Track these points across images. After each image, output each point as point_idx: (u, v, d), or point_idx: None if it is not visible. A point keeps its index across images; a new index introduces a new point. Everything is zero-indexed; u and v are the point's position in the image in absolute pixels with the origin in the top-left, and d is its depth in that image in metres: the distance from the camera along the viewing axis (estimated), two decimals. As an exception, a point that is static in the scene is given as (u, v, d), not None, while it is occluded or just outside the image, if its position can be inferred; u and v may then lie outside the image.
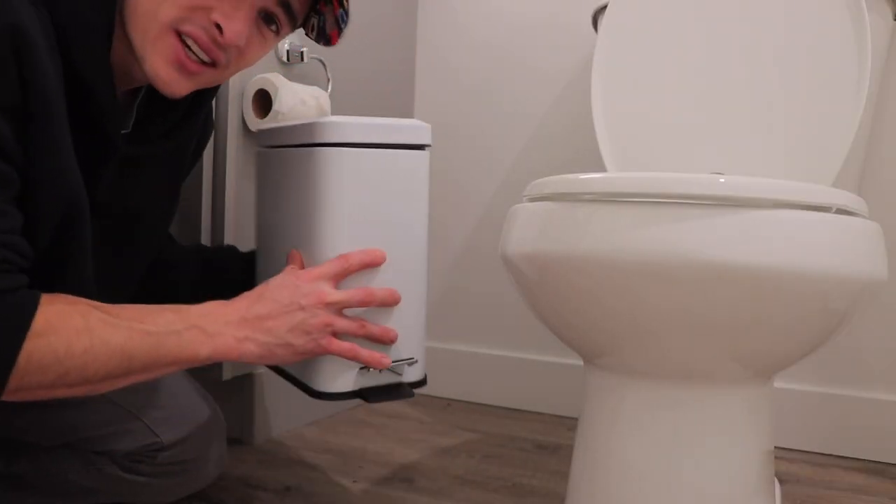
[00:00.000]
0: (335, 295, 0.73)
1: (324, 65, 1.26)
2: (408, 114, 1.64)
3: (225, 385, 1.16)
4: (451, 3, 1.61)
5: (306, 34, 0.82)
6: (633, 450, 0.75)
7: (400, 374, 0.81)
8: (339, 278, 0.75)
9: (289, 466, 1.13)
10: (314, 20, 0.79)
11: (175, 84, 0.69)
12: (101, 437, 0.85)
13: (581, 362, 0.83)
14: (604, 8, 1.22)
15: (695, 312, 0.65)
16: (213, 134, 1.02)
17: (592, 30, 1.35)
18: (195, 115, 0.81)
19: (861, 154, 1.19)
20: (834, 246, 0.64)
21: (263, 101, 1.14)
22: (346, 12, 0.78)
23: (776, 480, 0.89)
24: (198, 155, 0.93)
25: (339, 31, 0.79)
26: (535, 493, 1.06)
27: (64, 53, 0.63)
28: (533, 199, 0.75)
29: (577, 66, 1.50)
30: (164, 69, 0.68)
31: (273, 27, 0.73)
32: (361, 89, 1.45)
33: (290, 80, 1.18)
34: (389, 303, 0.78)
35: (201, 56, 0.69)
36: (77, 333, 0.63)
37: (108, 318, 0.65)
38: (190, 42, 0.68)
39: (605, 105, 1.16)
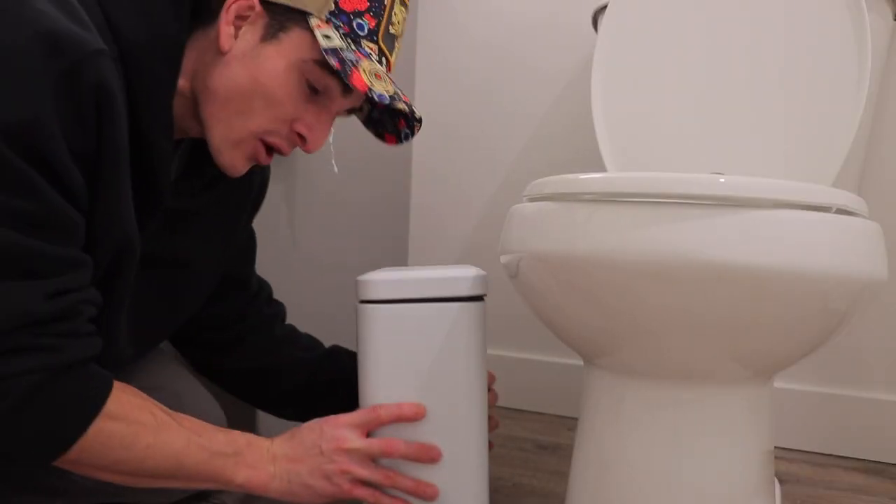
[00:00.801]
0: (355, 442, 0.76)
1: (324, 65, 1.25)
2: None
3: (225, 385, 1.16)
4: (451, 3, 1.61)
5: (360, 120, 0.84)
6: (633, 450, 0.75)
7: None
8: (367, 427, 0.78)
9: (289, 466, 1.13)
10: (369, 113, 0.83)
11: (242, 170, 0.74)
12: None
13: (581, 362, 0.83)
14: (604, 8, 1.22)
15: (695, 312, 0.65)
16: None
17: (592, 30, 1.35)
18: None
19: (861, 154, 1.19)
20: (834, 246, 0.64)
21: (263, 101, 1.14)
22: (412, 130, 0.80)
23: (776, 480, 0.89)
24: (255, 210, 0.94)
25: (398, 140, 0.82)
26: (535, 493, 1.06)
27: (132, 106, 0.65)
28: (533, 199, 0.75)
29: (577, 66, 1.50)
30: (240, 162, 0.73)
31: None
32: (361, 89, 1.45)
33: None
34: (422, 458, 0.79)
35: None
36: (145, 428, 0.67)
37: (172, 422, 0.70)
38: (272, 148, 0.73)
39: (605, 105, 1.16)
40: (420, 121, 0.78)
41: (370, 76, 0.70)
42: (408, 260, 1.69)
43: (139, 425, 0.67)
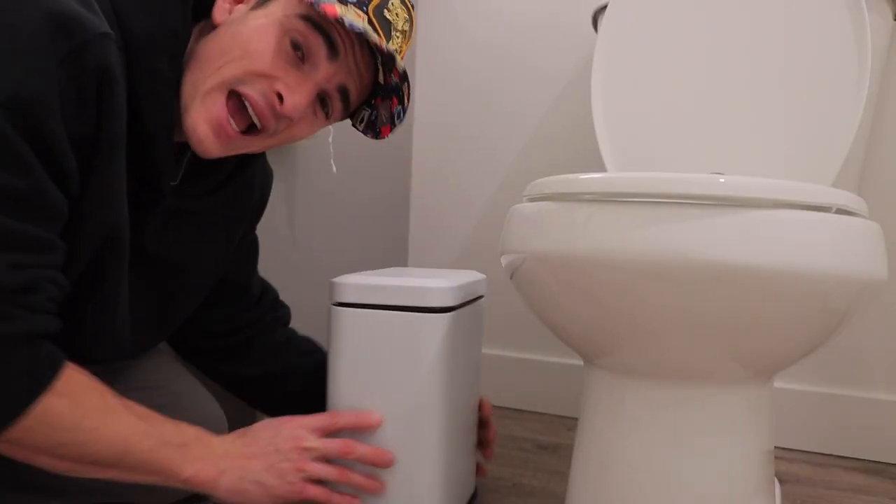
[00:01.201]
0: (312, 442, 0.77)
1: (324, 65, 1.25)
2: (407, 113, 1.64)
3: (225, 385, 1.16)
4: (451, 3, 1.61)
5: (353, 125, 0.82)
6: (632, 450, 0.75)
7: None
8: (323, 432, 0.79)
9: (289, 466, 1.13)
10: (365, 113, 0.80)
11: (207, 143, 0.69)
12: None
13: (581, 362, 0.83)
14: (604, 8, 1.22)
15: (695, 312, 0.65)
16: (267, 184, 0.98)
17: (592, 30, 1.35)
18: (241, 174, 0.82)
19: (861, 154, 1.19)
20: (834, 246, 0.64)
21: (263, 101, 1.13)
22: (404, 109, 0.79)
23: (776, 480, 0.89)
24: (257, 217, 0.95)
25: (393, 127, 0.80)
26: (535, 493, 1.06)
27: (132, 98, 0.65)
28: (533, 199, 0.75)
29: (577, 66, 1.50)
30: (201, 126, 0.68)
31: (325, 110, 0.75)
32: (361, 89, 1.45)
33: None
34: (377, 462, 0.80)
35: (254, 121, 0.70)
36: (92, 411, 0.65)
37: (121, 407, 0.68)
38: (247, 104, 0.69)
39: (605, 105, 1.16)
40: (394, 59, 0.76)
41: (345, 9, 0.69)
42: (408, 260, 1.69)
43: (86, 407, 0.65)
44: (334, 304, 0.83)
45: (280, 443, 0.76)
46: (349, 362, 0.82)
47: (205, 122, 0.69)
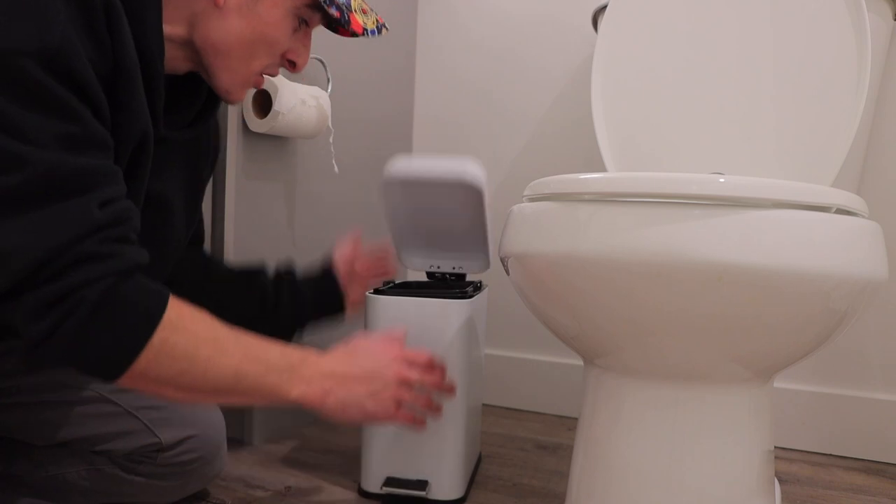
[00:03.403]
0: (413, 374, 0.84)
1: (324, 65, 1.25)
2: (407, 113, 1.65)
3: (225, 385, 1.16)
4: (451, 3, 1.61)
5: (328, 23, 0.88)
6: (633, 450, 0.75)
7: (423, 491, 0.97)
8: (418, 367, 0.87)
9: (289, 466, 1.13)
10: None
11: (243, 97, 0.83)
12: (100, 437, 0.85)
13: (581, 362, 0.83)
14: (604, 8, 1.22)
15: (695, 313, 0.65)
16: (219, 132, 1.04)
17: (592, 30, 1.35)
18: (214, 108, 0.87)
19: (861, 154, 1.19)
20: (834, 246, 0.64)
21: (263, 101, 1.14)
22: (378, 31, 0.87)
23: (776, 480, 0.89)
24: (216, 158, 0.98)
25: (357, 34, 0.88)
26: (535, 493, 1.06)
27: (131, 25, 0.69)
28: (533, 199, 0.75)
29: (577, 66, 1.50)
30: (244, 95, 0.82)
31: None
32: (361, 89, 1.45)
33: (289, 79, 1.18)
34: (451, 393, 0.95)
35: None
36: (204, 340, 0.69)
37: (230, 334, 0.71)
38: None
39: (605, 105, 1.16)
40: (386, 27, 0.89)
41: (360, 15, 0.83)
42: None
43: (198, 336, 0.68)
44: (369, 293, 1.01)
45: (384, 370, 0.82)
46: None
47: (245, 92, 0.82)
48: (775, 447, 0.83)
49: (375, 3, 1.48)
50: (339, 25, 0.83)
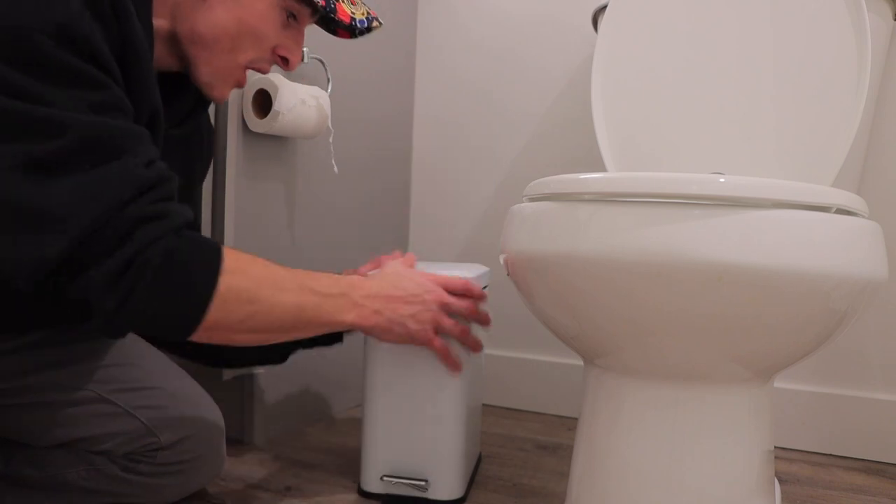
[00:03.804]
0: (451, 299, 0.88)
1: (324, 65, 1.25)
2: (407, 113, 1.65)
3: (225, 385, 1.16)
4: (451, 3, 1.61)
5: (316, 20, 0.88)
6: (633, 450, 0.75)
7: (424, 489, 0.97)
8: (455, 295, 0.90)
9: (289, 466, 1.13)
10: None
11: (228, 97, 0.82)
12: (99, 437, 0.85)
13: (581, 362, 0.83)
14: (604, 8, 1.22)
15: (695, 313, 0.65)
16: (213, 133, 1.05)
17: (592, 30, 1.35)
18: (204, 106, 0.87)
19: (861, 154, 1.19)
20: (834, 246, 0.64)
21: (263, 101, 1.14)
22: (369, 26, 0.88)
23: (776, 480, 0.89)
24: (210, 158, 0.99)
25: (353, 32, 0.88)
26: (535, 493, 1.06)
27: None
28: (533, 199, 0.75)
29: (577, 66, 1.50)
30: (228, 91, 0.81)
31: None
32: (361, 89, 1.45)
33: (289, 79, 1.17)
34: (485, 322, 0.97)
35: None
36: (263, 280, 0.71)
37: (283, 271, 0.74)
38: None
39: (605, 105, 1.16)
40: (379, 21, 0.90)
41: (348, 5, 0.84)
42: (408, 260, 1.68)
43: (258, 278, 0.71)
44: None
45: (425, 294, 0.86)
46: (383, 350, 0.96)
47: (230, 89, 0.81)
48: (775, 447, 0.83)
49: (376, 3, 1.48)
50: (326, 15, 0.82)
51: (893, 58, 1.23)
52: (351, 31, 0.88)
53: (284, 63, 0.82)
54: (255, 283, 0.70)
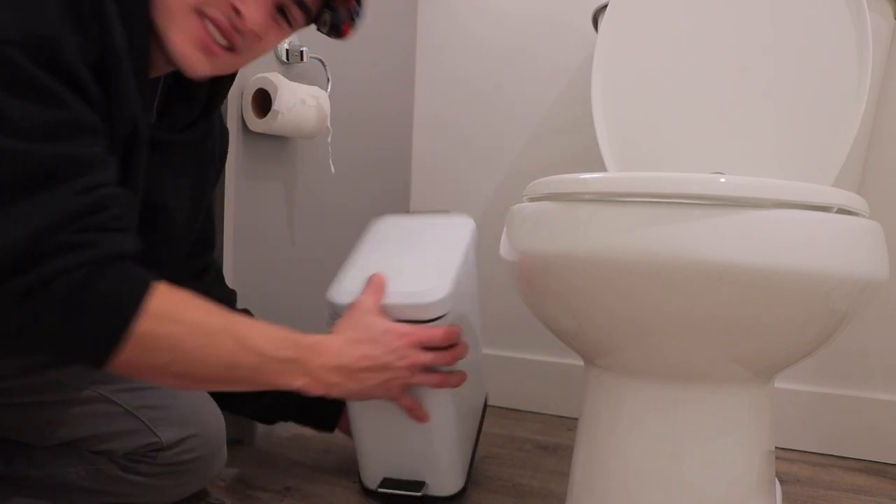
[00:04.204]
0: (427, 357, 0.84)
1: (323, 64, 1.25)
2: (407, 113, 1.64)
3: (225, 385, 1.16)
4: (451, 3, 1.61)
5: (318, 29, 0.84)
6: (633, 450, 0.75)
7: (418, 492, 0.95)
8: (433, 350, 0.85)
9: (289, 466, 1.13)
10: (327, 16, 0.82)
11: (198, 64, 0.73)
12: (99, 437, 0.85)
13: (581, 362, 0.83)
14: (604, 8, 1.22)
15: (695, 313, 0.64)
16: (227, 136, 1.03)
17: (592, 30, 1.35)
18: (212, 110, 0.85)
19: (862, 154, 1.19)
20: (835, 246, 0.64)
21: (263, 101, 1.13)
22: (360, 4, 0.82)
23: (776, 480, 0.89)
24: (223, 162, 0.97)
25: (353, 23, 0.83)
26: (535, 493, 1.06)
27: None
28: (533, 199, 0.75)
29: (577, 66, 1.50)
30: (188, 48, 0.72)
31: (287, 20, 0.77)
32: (361, 89, 1.45)
33: (289, 79, 1.17)
34: (465, 355, 0.90)
35: (220, 40, 0.72)
36: (195, 330, 0.67)
37: (226, 323, 0.70)
38: (210, 26, 0.71)
39: (605, 105, 1.16)
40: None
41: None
42: (408, 260, 1.68)
43: (188, 325, 0.67)
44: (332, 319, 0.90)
45: (397, 362, 0.81)
46: None
47: (188, 43, 0.72)
48: (775, 447, 0.82)
49: (376, 3, 1.48)
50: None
51: (894, 58, 1.23)
52: (350, 20, 0.84)
53: (237, 15, 0.71)
54: (182, 330, 0.66)
